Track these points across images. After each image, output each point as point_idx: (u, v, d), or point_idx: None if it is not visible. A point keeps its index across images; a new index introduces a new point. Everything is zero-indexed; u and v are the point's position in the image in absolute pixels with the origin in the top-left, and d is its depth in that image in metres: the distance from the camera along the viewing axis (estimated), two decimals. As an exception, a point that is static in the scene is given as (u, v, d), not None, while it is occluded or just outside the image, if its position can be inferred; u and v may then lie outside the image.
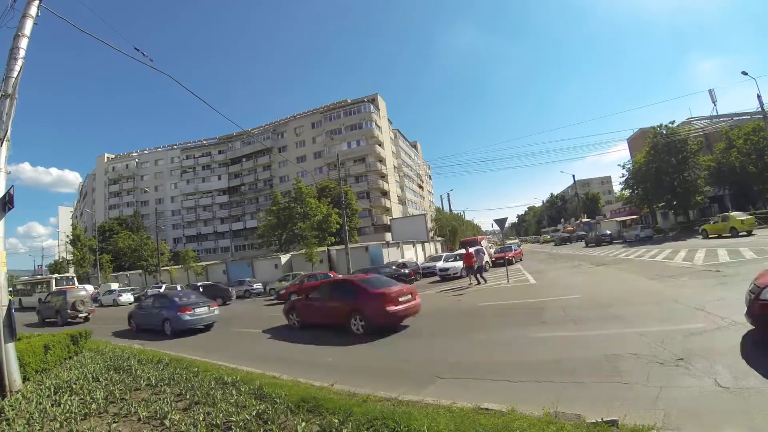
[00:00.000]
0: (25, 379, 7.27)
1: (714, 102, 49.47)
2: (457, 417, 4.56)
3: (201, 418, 5.06)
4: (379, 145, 70.48)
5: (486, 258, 23.33)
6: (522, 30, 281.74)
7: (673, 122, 42.69)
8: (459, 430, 4.18)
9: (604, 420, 4.17)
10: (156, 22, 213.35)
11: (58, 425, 5.20)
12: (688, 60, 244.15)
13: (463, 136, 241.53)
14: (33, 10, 7.69)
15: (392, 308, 10.92)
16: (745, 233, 26.71)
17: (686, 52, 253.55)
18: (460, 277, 23.69)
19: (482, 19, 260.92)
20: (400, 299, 11.28)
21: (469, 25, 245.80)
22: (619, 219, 58.59)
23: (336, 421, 4.62)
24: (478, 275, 20.07)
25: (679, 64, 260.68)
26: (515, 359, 7.49)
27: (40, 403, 6.07)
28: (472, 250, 21.37)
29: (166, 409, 5.46)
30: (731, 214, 28.99)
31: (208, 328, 15.59)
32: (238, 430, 4.67)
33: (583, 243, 49.87)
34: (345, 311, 11.58)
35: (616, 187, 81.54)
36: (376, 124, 70.17)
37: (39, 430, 5.15)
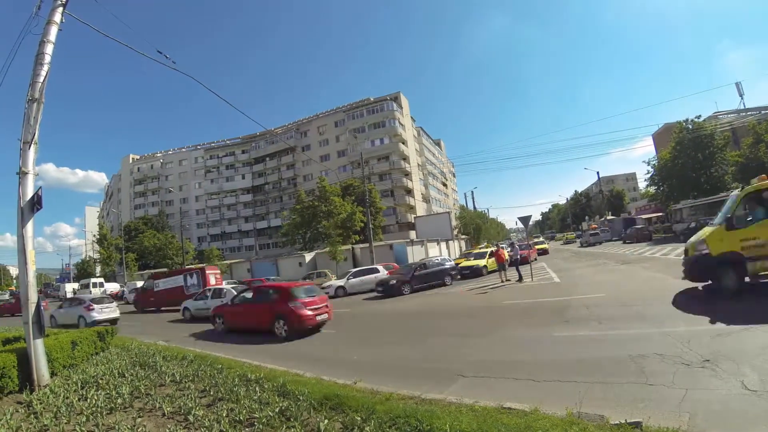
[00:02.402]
0: (53, 374, 7.46)
1: (741, 95, 48.21)
2: (479, 416, 4.54)
3: (224, 414, 5.13)
4: (403, 143, 70.47)
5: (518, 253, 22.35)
6: (549, 18, 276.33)
7: (698, 117, 41.46)
8: (481, 429, 4.16)
9: (628, 422, 4.12)
10: (178, 25, 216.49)
11: (84, 419, 5.31)
12: (716, 51, 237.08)
13: (486, 133, 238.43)
14: (57, 17, 7.83)
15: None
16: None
17: (715, 42, 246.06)
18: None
19: (511, 8, 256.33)
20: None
21: (497, 14, 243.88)
22: (644, 216, 57.41)
23: (359, 418, 4.65)
24: (517, 269, 19.95)
25: (708, 56, 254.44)
26: (539, 358, 7.44)
27: (67, 398, 6.21)
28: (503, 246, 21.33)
29: (190, 404, 5.54)
30: None
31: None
32: (261, 426, 4.72)
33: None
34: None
35: (641, 184, 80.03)
36: (399, 122, 70.20)
37: (66, 423, 5.26)
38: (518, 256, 20.77)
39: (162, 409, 5.56)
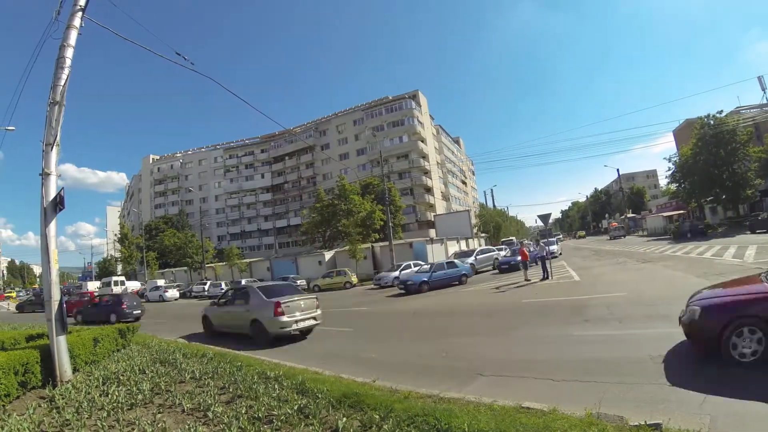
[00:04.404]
0: (75, 370, 7.58)
1: (763, 89, 46.71)
2: (498, 415, 4.51)
3: (243, 411, 5.15)
4: (422, 142, 70.36)
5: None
6: (571, 8, 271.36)
7: (720, 112, 40.47)
8: (500, 428, 4.12)
9: (648, 423, 4.05)
10: (198, 25, 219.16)
11: (105, 414, 5.37)
12: (743, 41, 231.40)
13: (505, 131, 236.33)
14: (77, 21, 7.93)
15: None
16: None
17: (743, 32, 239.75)
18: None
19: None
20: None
21: (516, 6, 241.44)
22: (665, 214, 56.50)
23: (377, 417, 4.63)
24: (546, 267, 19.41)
25: (733, 48, 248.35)
26: (558, 357, 7.38)
27: (89, 393, 6.30)
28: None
29: (210, 401, 5.58)
30: None
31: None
32: (279, 423, 4.74)
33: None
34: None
35: (662, 181, 78.58)
36: (417, 120, 70.05)
37: (87, 418, 5.33)
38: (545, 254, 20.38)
39: (182, 405, 5.60)
